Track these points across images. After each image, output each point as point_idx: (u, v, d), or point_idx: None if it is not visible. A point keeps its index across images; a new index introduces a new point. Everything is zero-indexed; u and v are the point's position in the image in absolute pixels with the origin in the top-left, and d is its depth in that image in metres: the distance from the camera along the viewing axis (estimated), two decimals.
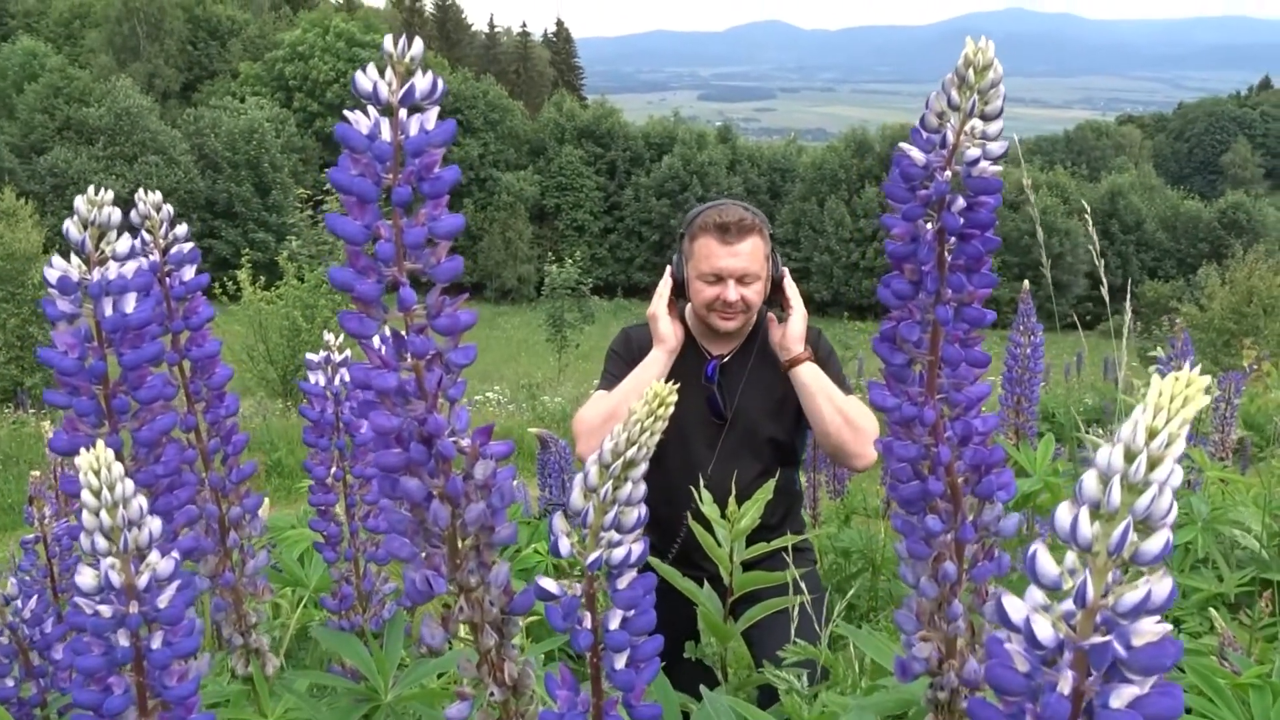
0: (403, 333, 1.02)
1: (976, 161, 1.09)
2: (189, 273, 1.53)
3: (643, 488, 0.97)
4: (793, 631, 2.24)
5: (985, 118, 1.08)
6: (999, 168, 1.10)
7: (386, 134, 0.97)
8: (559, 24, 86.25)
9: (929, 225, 1.15)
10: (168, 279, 1.51)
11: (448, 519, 1.04)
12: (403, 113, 1.00)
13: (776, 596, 2.31)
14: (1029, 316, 3.43)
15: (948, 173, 1.10)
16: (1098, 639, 0.67)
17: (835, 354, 3.03)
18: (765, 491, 2.42)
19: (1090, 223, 3.01)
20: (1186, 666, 1.62)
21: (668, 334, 2.89)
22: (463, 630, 1.11)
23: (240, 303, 17.38)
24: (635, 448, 0.95)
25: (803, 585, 2.30)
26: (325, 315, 16.27)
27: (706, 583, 2.40)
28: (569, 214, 53.12)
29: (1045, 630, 0.68)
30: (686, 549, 2.80)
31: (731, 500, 2.39)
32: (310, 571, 2.59)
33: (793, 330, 2.83)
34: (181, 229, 1.53)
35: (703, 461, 2.89)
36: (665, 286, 2.94)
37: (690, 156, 51.16)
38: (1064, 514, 0.70)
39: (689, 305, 2.99)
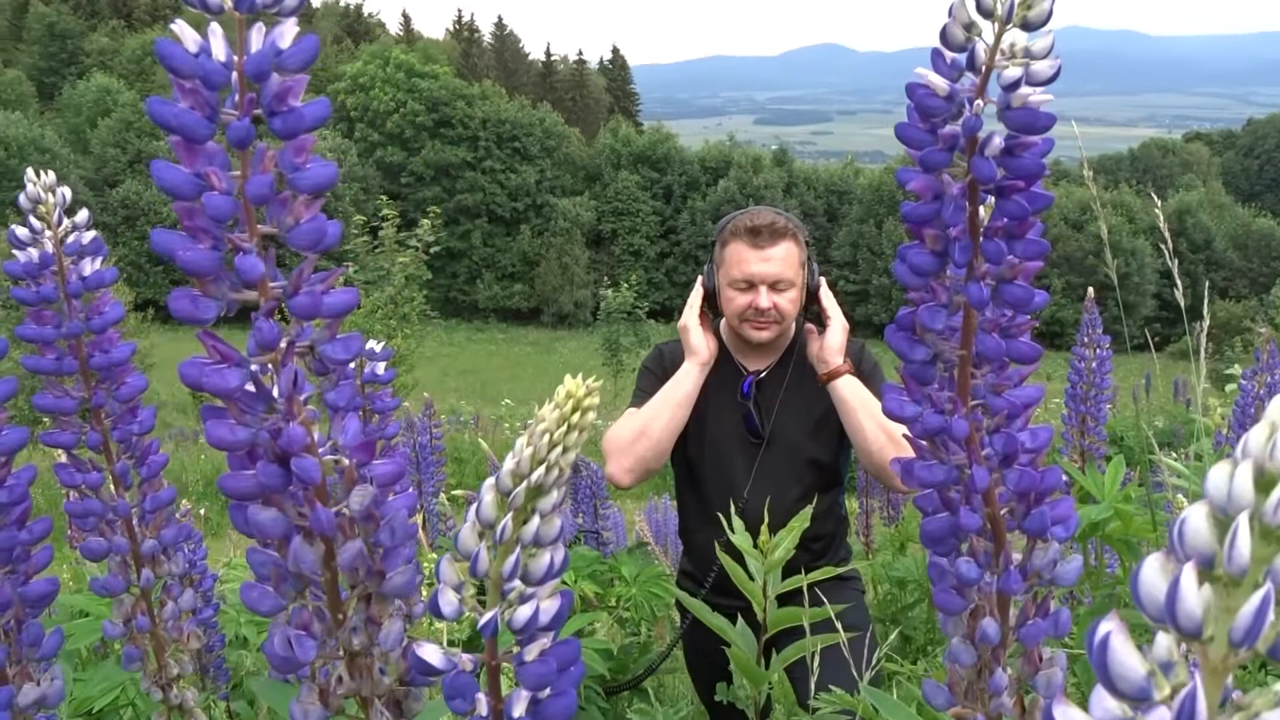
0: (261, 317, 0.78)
1: (1017, 86, 0.82)
2: (90, 266, 1.31)
3: (557, 523, 0.71)
4: (818, 678, 1.99)
5: (1028, 26, 0.81)
6: (1048, 96, 0.83)
7: (220, 51, 0.73)
8: (615, 51, 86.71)
9: (956, 176, 0.87)
10: (65, 273, 1.30)
11: (314, 562, 0.79)
12: (254, 32, 0.75)
13: (818, 633, 2.08)
14: (1094, 327, 3.09)
15: (979, 103, 0.83)
16: None
17: (880, 368, 2.80)
18: (802, 519, 2.21)
19: (1164, 224, 2.69)
20: None
21: (699, 346, 2.71)
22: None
23: None
24: (544, 469, 0.68)
25: (838, 624, 2.05)
26: (380, 339, 16.16)
27: (741, 616, 2.20)
28: (625, 239, 53.10)
29: None
30: (724, 576, 2.58)
31: (764, 529, 2.16)
32: None
33: (831, 342, 2.64)
34: (82, 215, 1.32)
35: (739, 483, 2.72)
36: (696, 297, 2.76)
37: (746, 180, 50.83)
38: (1154, 574, 0.43)
39: (723, 320, 2.79)
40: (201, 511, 4.30)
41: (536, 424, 0.70)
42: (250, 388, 0.77)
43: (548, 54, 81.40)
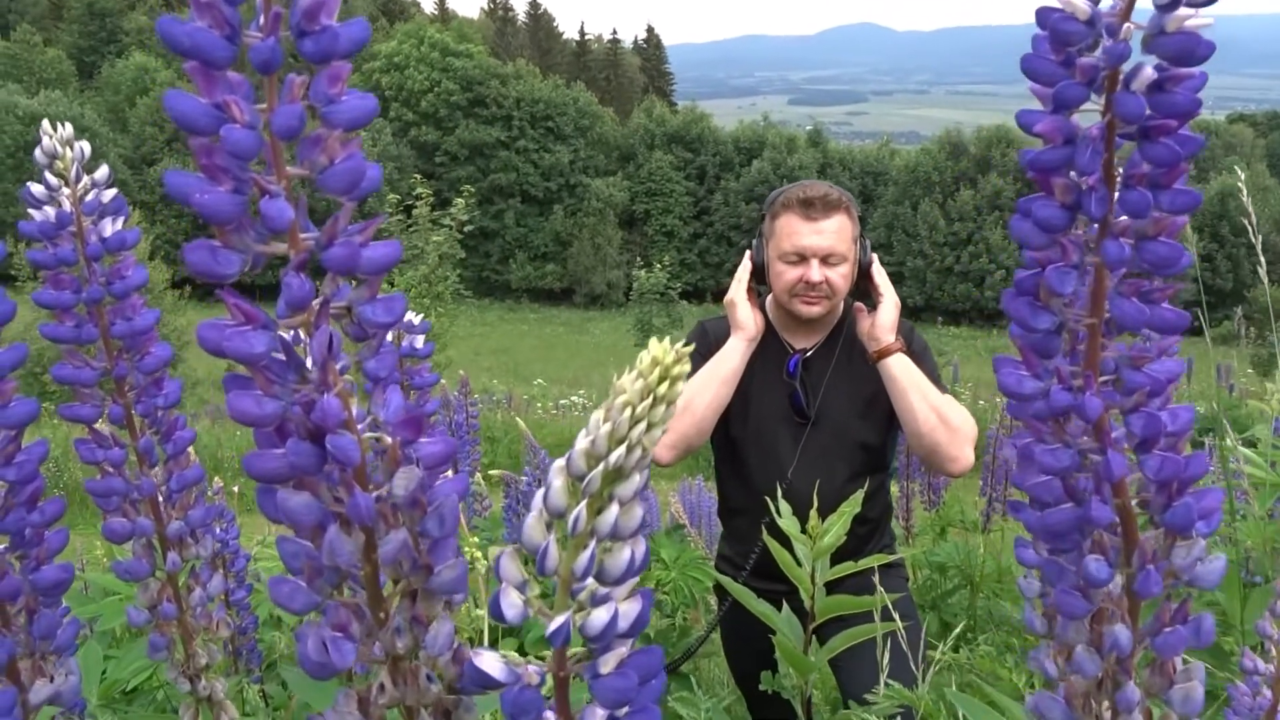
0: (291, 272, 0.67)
1: (1174, 5, 0.69)
2: (111, 226, 1.21)
3: (638, 513, 0.60)
4: (884, 671, 1.91)
5: None
6: (1209, 19, 0.70)
7: None
8: (649, 31, 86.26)
9: (1089, 115, 0.75)
10: (84, 234, 1.20)
11: (351, 555, 0.68)
12: None
13: (865, 623, 2.00)
14: None
15: (1127, 27, 0.70)
16: None
17: (930, 350, 2.72)
18: (853, 503, 2.13)
19: (1248, 199, 2.52)
20: None
21: (747, 321, 2.63)
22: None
23: None
24: (624, 449, 0.58)
25: (895, 614, 1.97)
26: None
27: (785, 602, 2.13)
28: (658, 219, 52.91)
29: None
30: (765, 560, 2.52)
31: (814, 514, 2.07)
32: None
33: (883, 319, 2.55)
34: (102, 172, 1.22)
35: (785, 465, 2.64)
36: (744, 271, 2.68)
37: (780, 161, 50.45)
38: None
39: (770, 296, 2.72)
40: (235, 489, 4.25)
41: (615, 395, 0.59)
42: (279, 354, 0.67)
43: (582, 33, 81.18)
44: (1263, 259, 2.33)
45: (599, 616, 0.59)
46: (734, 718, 2.99)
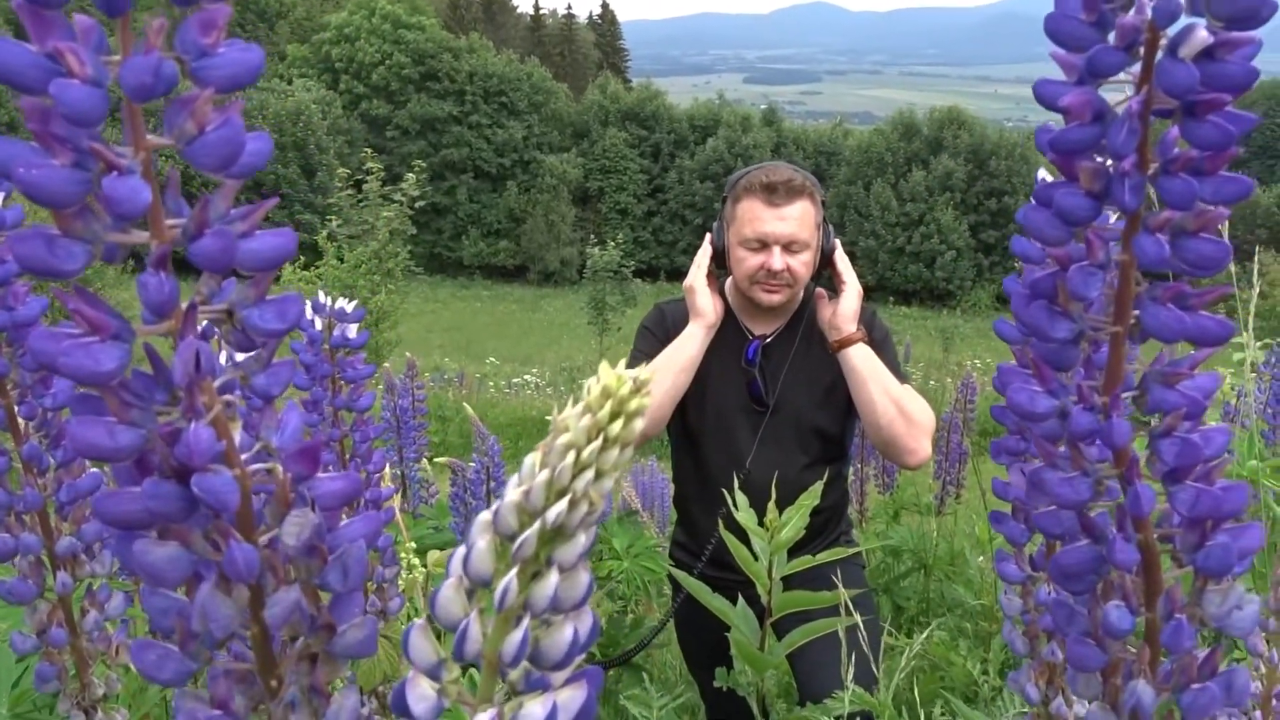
0: (152, 268, 0.53)
1: None
2: None
3: (584, 580, 0.47)
4: (848, 676, 1.85)
5: None
6: None
7: None
8: (604, 6, 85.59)
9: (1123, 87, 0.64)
10: None
11: (229, 620, 0.55)
12: None
13: (823, 617, 1.94)
14: None
15: None
16: None
17: (891, 337, 2.67)
18: (812, 495, 2.09)
19: None
20: None
21: (706, 308, 2.55)
22: None
23: (279, 284, 17.06)
24: (566, 503, 0.45)
25: (857, 616, 1.91)
26: (364, 295, 15.83)
27: (740, 593, 2.08)
28: (612, 197, 52.59)
29: None
30: (722, 549, 2.46)
31: (771, 507, 1.99)
32: None
33: (844, 308, 2.49)
34: None
35: (742, 453, 2.58)
36: (704, 256, 2.60)
37: (735, 139, 50.32)
38: None
39: (730, 279, 2.65)
40: None
41: (555, 434, 0.46)
42: (144, 369, 0.53)
43: (536, 8, 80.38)
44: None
45: (532, 712, 0.46)
46: (689, 713, 2.90)
